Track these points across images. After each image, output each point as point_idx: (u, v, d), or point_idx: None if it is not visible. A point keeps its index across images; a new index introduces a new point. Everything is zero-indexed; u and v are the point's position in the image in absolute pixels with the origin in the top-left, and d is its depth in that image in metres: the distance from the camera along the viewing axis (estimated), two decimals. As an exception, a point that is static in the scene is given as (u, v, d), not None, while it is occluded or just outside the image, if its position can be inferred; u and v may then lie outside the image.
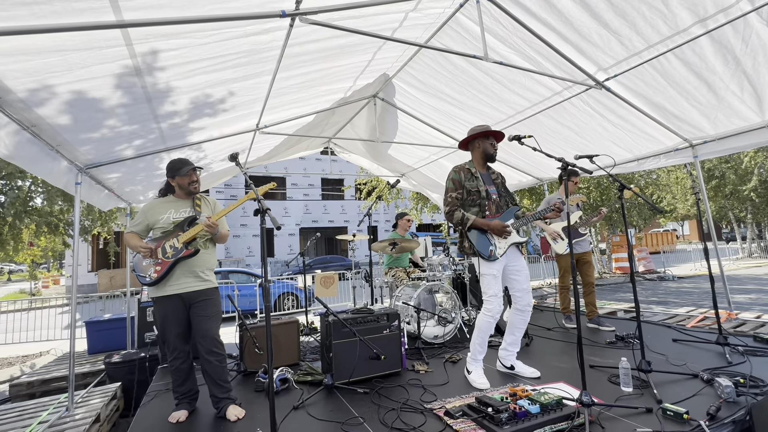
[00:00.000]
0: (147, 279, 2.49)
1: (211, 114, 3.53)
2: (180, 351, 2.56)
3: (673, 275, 11.98)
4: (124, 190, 4.50)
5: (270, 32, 2.63)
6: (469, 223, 2.84)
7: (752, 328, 3.96)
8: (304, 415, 2.47)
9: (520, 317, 2.98)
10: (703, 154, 4.25)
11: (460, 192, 2.94)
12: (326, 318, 3.04)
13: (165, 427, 2.44)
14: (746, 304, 7.18)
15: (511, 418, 2.06)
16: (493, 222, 2.85)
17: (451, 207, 2.92)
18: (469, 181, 2.95)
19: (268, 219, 1.86)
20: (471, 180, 2.95)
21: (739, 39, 2.92)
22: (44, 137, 2.73)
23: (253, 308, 8.02)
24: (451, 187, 2.96)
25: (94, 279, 18.08)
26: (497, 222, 2.85)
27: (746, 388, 2.36)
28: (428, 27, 3.44)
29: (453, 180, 2.97)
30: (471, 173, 2.98)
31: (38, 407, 3.22)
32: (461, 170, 2.98)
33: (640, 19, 2.90)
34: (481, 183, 2.94)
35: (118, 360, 3.92)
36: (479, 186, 2.93)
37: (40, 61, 2.08)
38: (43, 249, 9.42)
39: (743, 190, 15.43)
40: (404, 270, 4.96)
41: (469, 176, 2.96)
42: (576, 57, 3.41)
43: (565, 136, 4.64)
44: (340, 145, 6.32)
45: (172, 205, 2.65)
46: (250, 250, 23.38)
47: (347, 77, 4.00)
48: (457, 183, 2.95)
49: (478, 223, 2.85)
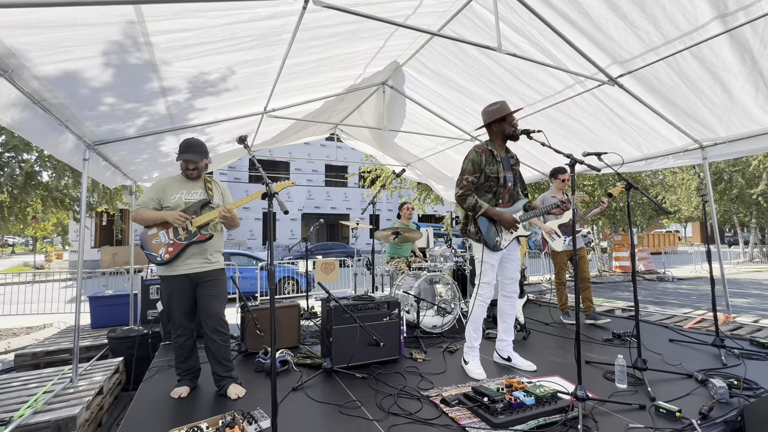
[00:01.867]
0: (158, 259, 2.52)
1: (218, 95, 3.51)
2: (184, 328, 2.60)
3: (673, 276, 12.00)
4: (130, 168, 4.52)
5: (282, 16, 2.60)
6: (482, 211, 2.80)
7: (749, 331, 3.99)
8: (302, 397, 2.52)
9: (509, 303, 3.05)
10: (712, 156, 4.22)
11: (477, 176, 2.83)
12: (328, 303, 3.08)
13: (167, 402, 2.50)
14: (744, 308, 7.20)
15: (506, 408, 2.10)
16: (506, 214, 2.83)
17: (465, 191, 2.82)
18: (490, 165, 2.84)
19: (275, 203, 1.87)
20: (492, 164, 2.85)
21: (758, 39, 2.87)
22: (54, 112, 2.74)
23: (254, 291, 8.10)
24: (469, 169, 2.84)
25: (97, 255, 18.26)
26: (510, 216, 2.84)
27: (740, 390, 2.39)
28: (442, 15, 3.39)
29: (473, 162, 2.83)
30: (493, 156, 2.87)
31: (43, 377, 3.30)
32: (483, 152, 2.85)
33: (659, 11, 2.84)
34: (501, 168, 2.87)
35: (121, 335, 3.99)
36: (499, 171, 2.86)
37: (53, 35, 2.07)
38: (53, 224, 9.47)
39: (750, 194, 15.31)
40: (405, 260, 4.99)
41: (491, 159, 2.85)
42: (591, 51, 3.35)
43: (575, 130, 4.59)
44: (347, 131, 6.29)
45: (183, 185, 2.65)
46: (252, 234, 23.49)
47: (358, 64, 3.96)
48: (476, 165, 2.83)
49: (490, 213, 2.81)
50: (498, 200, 2.89)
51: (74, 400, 2.79)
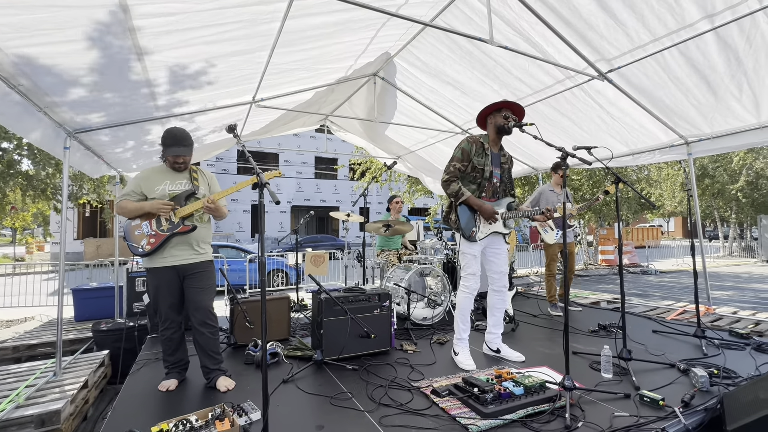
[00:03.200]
0: (140, 250, 2.45)
1: (205, 84, 3.42)
2: (172, 321, 2.56)
3: (656, 269, 12.31)
4: (114, 157, 4.39)
5: (271, 2, 2.53)
6: (463, 198, 2.84)
7: (728, 323, 4.12)
8: (293, 389, 2.51)
9: (498, 297, 3.08)
10: (697, 152, 4.31)
11: (465, 164, 2.88)
12: (318, 295, 3.06)
13: (155, 395, 2.46)
14: (724, 300, 7.44)
15: (495, 398, 2.13)
16: (486, 205, 2.86)
17: (450, 176, 2.87)
18: (478, 157, 2.88)
19: (266, 193, 1.84)
20: (481, 156, 2.89)
21: (743, 38, 2.92)
22: (31, 97, 2.63)
23: (243, 283, 8.03)
24: (458, 156, 2.88)
25: (80, 247, 17.85)
26: (489, 206, 2.86)
27: (719, 378, 2.47)
28: (434, 5, 3.35)
29: (463, 150, 2.89)
30: (483, 148, 2.90)
31: (24, 371, 3.22)
32: (475, 143, 2.90)
33: (648, 11, 2.87)
34: (488, 162, 2.90)
35: (106, 328, 3.92)
36: (486, 165, 2.89)
37: (29, 17, 1.98)
38: (33, 214, 9.18)
39: (731, 189, 15.75)
40: (396, 252, 4.99)
41: (480, 151, 2.89)
42: (581, 46, 3.38)
43: (563, 126, 4.64)
44: (337, 123, 6.22)
45: (167, 176, 2.56)
46: (240, 226, 23.24)
47: (349, 56, 3.90)
48: (466, 154, 2.88)
49: (471, 201, 2.85)
50: (482, 193, 2.92)
51: (58, 393, 2.73)
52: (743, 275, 11.53)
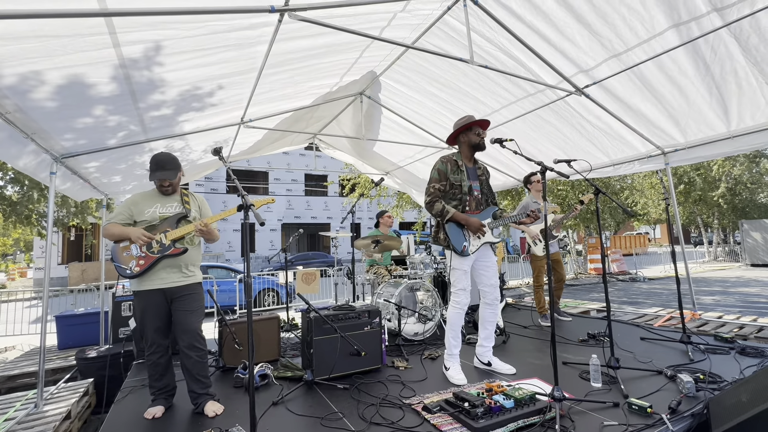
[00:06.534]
0: (128, 271, 2.44)
1: (196, 108, 3.48)
2: (158, 345, 2.51)
3: (644, 277, 12.47)
4: (103, 181, 4.37)
5: (258, 27, 2.61)
6: (449, 216, 2.90)
7: (714, 327, 4.19)
8: (283, 411, 2.48)
9: (490, 311, 3.10)
10: (674, 161, 4.45)
11: (443, 183, 2.97)
12: (308, 314, 3.05)
13: (140, 424, 2.40)
14: (710, 305, 7.56)
15: (486, 412, 2.13)
16: (472, 218, 2.92)
17: (432, 197, 2.96)
18: (454, 174, 2.97)
19: (251, 215, 1.86)
20: (456, 173, 2.98)
21: (708, 47, 3.08)
22: (18, 125, 2.63)
23: (233, 304, 7.91)
24: (435, 177, 2.98)
25: (65, 272, 17.39)
26: (476, 220, 2.92)
27: (705, 383, 2.51)
28: (416, 27, 3.48)
29: (438, 170, 2.99)
30: (457, 166, 3.00)
31: (3, 404, 3.11)
32: (448, 162, 3.00)
33: (619, 20, 3.01)
34: (465, 177, 2.98)
35: (90, 355, 3.82)
36: (462, 180, 2.97)
37: (17, 47, 2.01)
38: (15, 240, 8.98)
39: (712, 196, 16.19)
40: (386, 268, 5.00)
41: (455, 169, 2.99)
42: (558, 60, 3.50)
43: (547, 133, 4.75)
44: (326, 141, 6.30)
45: (158, 199, 2.58)
46: (230, 245, 22.97)
47: (334, 74, 3.99)
48: (442, 174, 2.98)
49: (457, 217, 2.91)
50: (465, 207, 2.98)
51: (39, 426, 2.64)
52: (729, 279, 11.75)
